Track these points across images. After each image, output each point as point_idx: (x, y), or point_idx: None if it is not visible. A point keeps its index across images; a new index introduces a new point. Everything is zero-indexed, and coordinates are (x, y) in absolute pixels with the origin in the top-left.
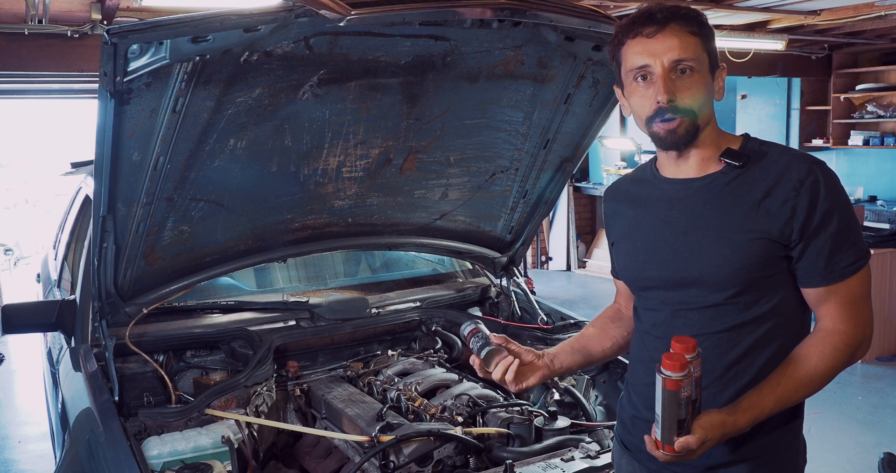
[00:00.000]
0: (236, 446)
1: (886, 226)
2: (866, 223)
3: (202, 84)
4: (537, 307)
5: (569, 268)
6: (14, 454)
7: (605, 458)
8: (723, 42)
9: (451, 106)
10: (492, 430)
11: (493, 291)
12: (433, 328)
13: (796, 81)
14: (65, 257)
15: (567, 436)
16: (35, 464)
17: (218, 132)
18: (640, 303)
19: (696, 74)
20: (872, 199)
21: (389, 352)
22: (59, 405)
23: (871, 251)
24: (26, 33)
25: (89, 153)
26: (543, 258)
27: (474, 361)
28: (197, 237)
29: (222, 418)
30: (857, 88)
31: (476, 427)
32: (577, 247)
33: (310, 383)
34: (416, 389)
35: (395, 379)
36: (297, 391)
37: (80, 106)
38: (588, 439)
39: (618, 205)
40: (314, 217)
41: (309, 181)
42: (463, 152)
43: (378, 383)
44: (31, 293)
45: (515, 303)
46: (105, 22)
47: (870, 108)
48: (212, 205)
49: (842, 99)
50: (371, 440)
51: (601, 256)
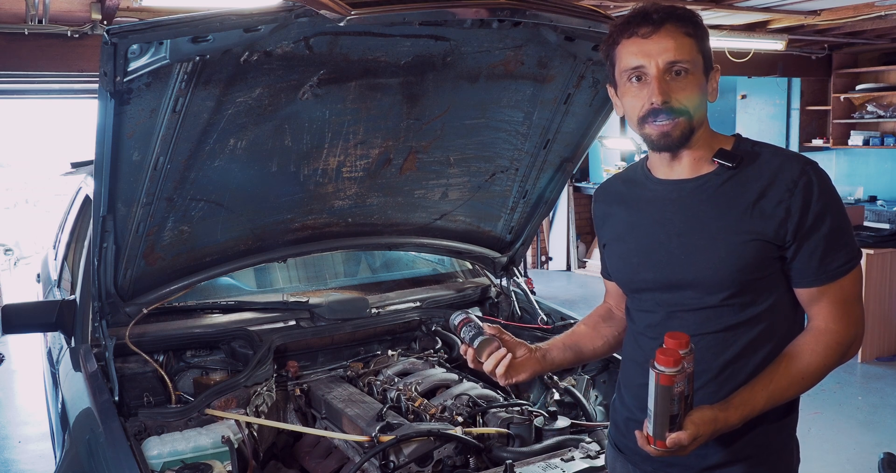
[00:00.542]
0: (236, 446)
1: (886, 226)
2: (866, 223)
3: (202, 84)
4: (537, 307)
5: (569, 268)
6: (14, 454)
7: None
8: (723, 42)
9: (451, 106)
10: (492, 430)
11: (493, 291)
12: (433, 328)
13: (796, 81)
14: (65, 257)
15: (567, 436)
16: (35, 464)
17: (218, 132)
18: (633, 305)
19: (691, 76)
20: (872, 199)
21: (389, 352)
22: (59, 405)
23: (872, 251)
24: (26, 33)
25: (89, 153)
26: (543, 258)
27: (466, 351)
28: (197, 237)
29: (222, 418)
30: (857, 88)
31: (476, 427)
32: (577, 247)
33: (310, 383)
34: (416, 389)
35: (395, 379)
36: (297, 391)
37: (80, 106)
38: (588, 439)
39: (609, 206)
40: (314, 217)
41: (309, 181)
42: (463, 152)
43: (378, 383)
44: (31, 293)
45: (515, 303)
46: (105, 22)
47: (870, 108)
48: (212, 205)
49: (842, 99)
50: (371, 440)
51: None
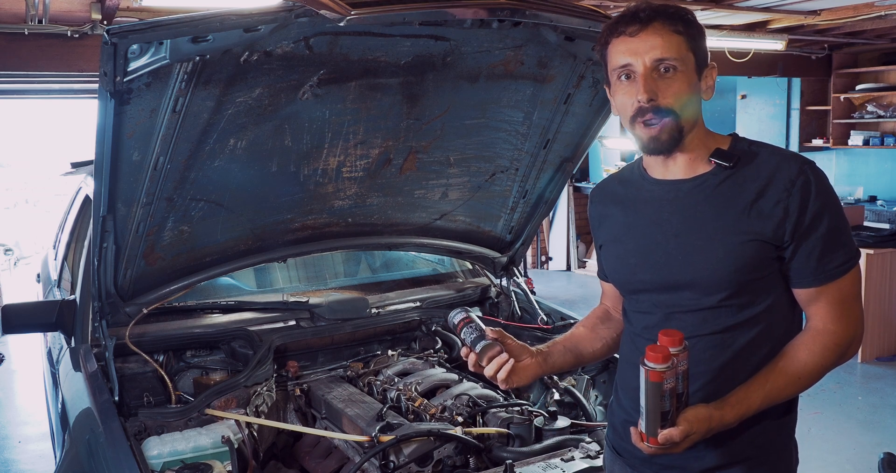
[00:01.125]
0: (236, 446)
1: (886, 226)
2: (866, 223)
3: (202, 84)
4: (537, 307)
5: (569, 268)
6: (14, 454)
7: None
8: (723, 42)
9: (451, 106)
10: (492, 430)
11: (493, 291)
12: (433, 328)
13: (796, 81)
14: (65, 257)
15: (567, 436)
16: (35, 464)
17: (218, 132)
18: (630, 306)
19: (680, 74)
20: (872, 199)
21: (389, 352)
22: (59, 405)
23: (872, 251)
24: (26, 33)
25: (89, 153)
26: (543, 258)
27: (467, 354)
28: (197, 237)
29: (222, 418)
30: (857, 88)
31: (476, 427)
32: (577, 247)
33: (310, 383)
34: (416, 389)
35: (395, 379)
36: (297, 391)
37: (80, 106)
38: (588, 439)
39: (605, 207)
40: (314, 217)
41: (309, 181)
42: (463, 152)
43: (378, 383)
44: (31, 293)
45: (515, 303)
46: (105, 22)
47: (870, 108)
48: (212, 205)
49: (842, 99)
50: (371, 440)
51: None
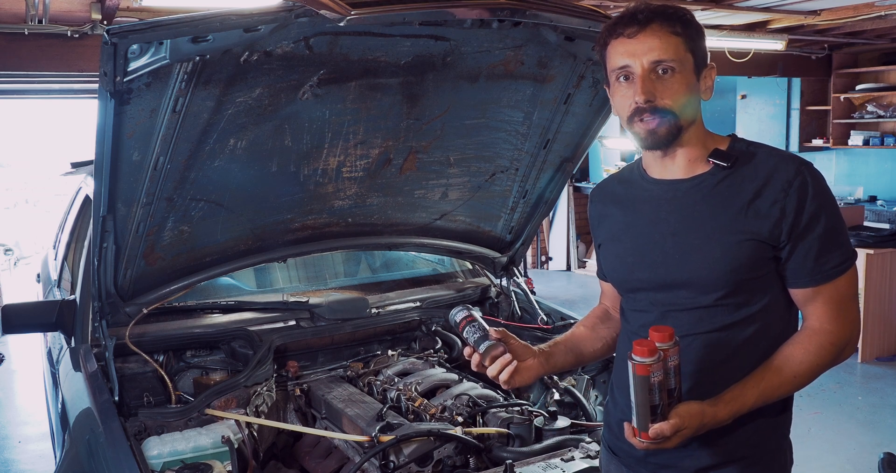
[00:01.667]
0: (236, 446)
1: (886, 226)
2: (866, 223)
3: (202, 84)
4: (537, 307)
5: (569, 268)
6: (14, 454)
7: None
8: (723, 42)
9: (451, 106)
10: (492, 430)
11: (493, 291)
12: (433, 328)
13: (796, 81)
14: (65, 257)
15: (567, 436)
16: (35, 464)
17: (218, 132)
18: (627, 304)
19: (678, 75)
20: (872, 199)
21: (389, 352)
22: (59, 405)
23: (872, 251)
24: (26, 33)
25: (89, 153)
26: (543, 258)
27: (471, 354)
28: (197, 237)
29: (222, 418)
30: (857, 88)
31: (476, 427)
32: (577, 247)
33: (310, 383)
34: (416, 389)
35: (395, 379)
36: (297, 391)
37: (80, 106)
38: (588, 439)
39: (605, 206)
40: (314, 217)
41: (309, 181)
42: (463, 152)
43: (378, 383)
44: (31, 293)
45: (515, 303)
46: (105, 22)
47: (870, 108)
48: (212, 205)
49: (842, 99)
50: (371, 440)
51: None
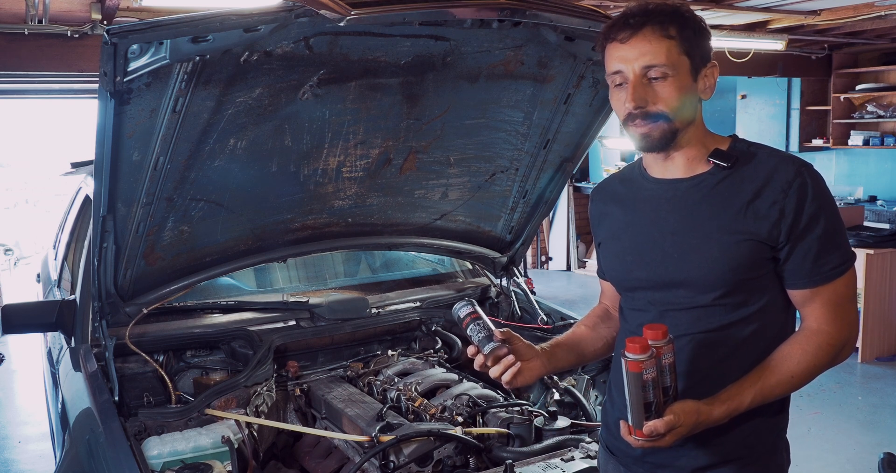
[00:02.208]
0: (236, 446)
1: (886, 226)
2: (866, 223)
3: (202, 84)
4: (537, 307)
5: (569, 268)
6: (14, 454)
7: None
8: (723, 42)
9: (451, 106)
10: (492, 430)
11: (493, 291)
12: (433, 328)
13: (796, 81)
14: (65, 257)
15: (567, 436)
16: (35, 464)
17: (218, 132)
18: (626, 303)
19: (670, 79)
20: (872, 199)
21: (389, 352)
22: (59, 405)
23: (872, 251)
24: (26, 33)
25: (89, 153)
26: (543, 258)
27: (475, 353)
28: (197, 237)
29: (222, 418)
30: (857, 88)
31: (476, 427)
32: (577, 247)
33: (310, 383)
34: (416, 389)
35: (395, 379)
36: (297, 391)
37: (80, 106)
38: (588, 439)
39: (605, 205)
40: (314, 217)
41: (309, 181)
42: (463, 152)
43: (378, 383)
44: (31, 293)
45: (515, 303)
46: (105, 22)
47: (870, 108)
48: (212, 205)
49: (842, 99)
50: (371, 440)
51: None
